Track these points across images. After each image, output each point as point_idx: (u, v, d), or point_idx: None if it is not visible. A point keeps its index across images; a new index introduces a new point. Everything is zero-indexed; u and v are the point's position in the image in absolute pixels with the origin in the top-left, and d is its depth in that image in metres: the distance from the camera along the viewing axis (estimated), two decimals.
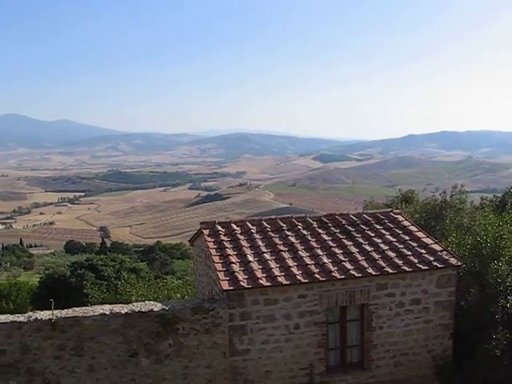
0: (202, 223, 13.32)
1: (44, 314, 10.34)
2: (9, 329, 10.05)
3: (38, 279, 57.19)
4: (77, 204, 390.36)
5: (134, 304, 11.13)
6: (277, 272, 11.43)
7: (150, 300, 15.80)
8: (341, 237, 13.21)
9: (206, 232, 12.87)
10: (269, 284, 11.11)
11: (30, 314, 10.42)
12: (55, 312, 10.33)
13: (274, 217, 14.10)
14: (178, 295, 20.20)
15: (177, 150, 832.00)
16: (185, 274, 55.33)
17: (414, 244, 13.07)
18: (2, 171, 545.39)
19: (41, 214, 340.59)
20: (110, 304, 11.53)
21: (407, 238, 13.38)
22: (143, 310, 10.67)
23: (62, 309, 10.60)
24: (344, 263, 12.01)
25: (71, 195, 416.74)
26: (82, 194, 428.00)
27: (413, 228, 13.97)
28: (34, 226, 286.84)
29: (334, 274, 11.61)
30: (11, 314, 10.73)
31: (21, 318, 10.22)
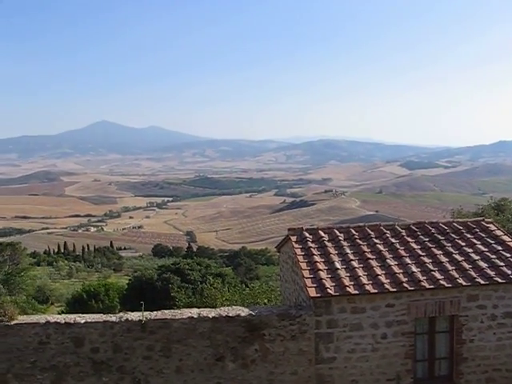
0: (289, 230, 13.31)
1: (134, 316, 10.63)
2: (102, 328, 10.40)
3: (127, 281, 58.82)
4: (164, 209, 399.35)
5: (221, 308, 11.26)
6: (364, 280, 11.27)
7: (235, 305, 15.92)
8: (430, 245, 12.87)
9: (293, 238, 12.85)
10: (356, 292, 10.96)
11: (122, 314, 10.73)
12: (145, 314, 10.60)
13: (361, 224, 13.92)
14: (266, 301, 20.25)
15: (263, 157, 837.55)
16: (269, 280, 55.49)
17: (508, 254, 12.56)
18: (94, 176, 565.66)
19: (130, 217, 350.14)
20: (196, 308, 11.72)
21: (500, 248, 12.87)
22: (230, 314, 10.76)
23: (149, 311, 10.86)
24: (433, 272, 11.70)
25: (159, 200, 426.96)
26: (170, 199, 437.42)
27: (506, 238, 13.43)
28: (123, 229, 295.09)
29: (423, 283, 11.33)
30: (101, 313, 11.10)
31: (113, 318, 10.56)
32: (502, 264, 12.13)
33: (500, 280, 11.60)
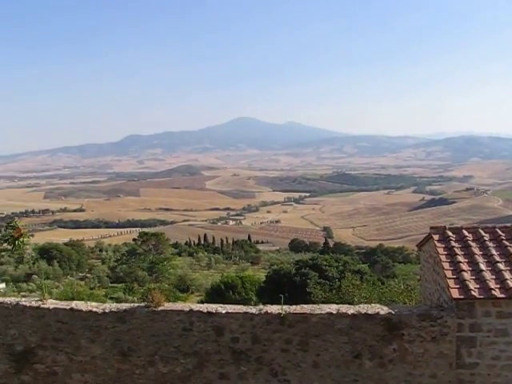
0: (431, 228, 12.93)
1: (274, 308, 10.80)
2: (242, 319, 10.67)
3: (264, 274, 59.80)
4: (302, 204, 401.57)
5: (360, 306, 11.17)
6: None
7: (372, 303, 15.73)
8: None
9: (435, 237, 12.47)
10: (503, 296, 10.44)
11: (262, 307, 10.93)
12: (284, 307, 10.74)
13: (508, 225, 13.24)
14: (406, 300, 19.83)
15: (401, 153, 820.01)
16: (406, 279, 54.25)
17: None
18: (234, 171, 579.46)
19: (268, 212, 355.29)
20: (333, 304, 11.69)
21: None
22: (369, 312, 10.65)
23: (287, 305, 10.96)
24: None
25: (296, 195, 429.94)
26: (307, 194, 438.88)
27: None
28: (261, 223, 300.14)
29: None
30: (237, 304, 11.37)
31: (253, 309, 10.80)
32: None
33: None
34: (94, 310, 11.50)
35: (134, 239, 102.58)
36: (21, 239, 19.27)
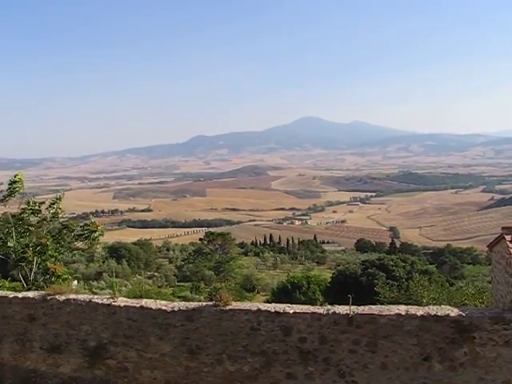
0: (503, 228, 12.58)
1: (341, 309, 10.71)
2: (310, 319, 10.64)
3: (330, 274, 59.49)
4: (368, 204, 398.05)
5: (430, 307, 10.96)
6: None
7: (441, 304, 15.43)
8: None
9: (508, 238, 12.12)
10: None
11: (329, 307, 10.86)
12: (352, 308, 10.65)
13: None
14: (477, 303, 19.35)
15: (469, 152, 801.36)
16: (475, 280, 53.04)
17: None
18: (299, 171, 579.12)
19: (333, 212, 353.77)
20: (402, 304, 11.51)
21: None
22: (439, 314, 10.43)
23: (354, 305, 10.86)
24: None
25: (362, 195, 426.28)
26: (373, 194, 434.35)
27: None
28: (326, 223, 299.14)
29: None
30: (303, 304, 11.34)
31: (320, 310, 10.74)
32: None
33: None
34: (164, 308, 11.71)
35: (200, 239, 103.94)
36: (96, 233, 20.05)
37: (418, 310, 10.60)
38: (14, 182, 20.49)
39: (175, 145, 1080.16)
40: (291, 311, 10.73)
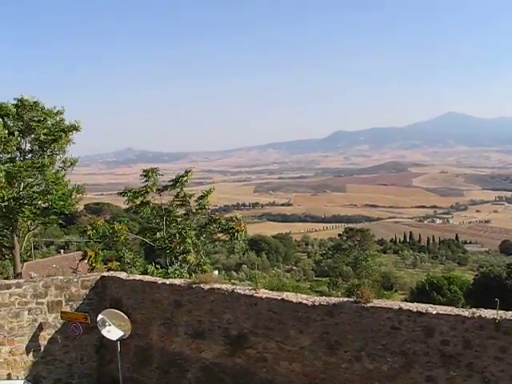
0: None
1: (487, 313, 10.28)
2: (453, 321, 10.29)
3: (472, 276, 57.41)
4: None
5: None
6: None
7: None
8: None
9: None
10: None
11: (474, 310, 10.47)
12: (499, 312, 10.20)
13: None
14: None
15: None
16: None
17: None
18: (442, 167, 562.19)
19: (477, 211, 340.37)
20: None
21: None
22: None
23: (501, 310, 10.35)
24: None
25: (509, 194, 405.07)
26: None
27: None
28: (469, 222, 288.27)
29: None
30: (443, 305, 11.00)
31: (465, 312, 10.35)
32: None
33: None
34: (304, 302, 11.85)
35: (339, 234, 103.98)
36: (240, 232, 20.71)
37: None
38: (182, 176, 21.81)
39: (316, 140, 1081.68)
40: (434, 312, 10.46)
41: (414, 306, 10.73)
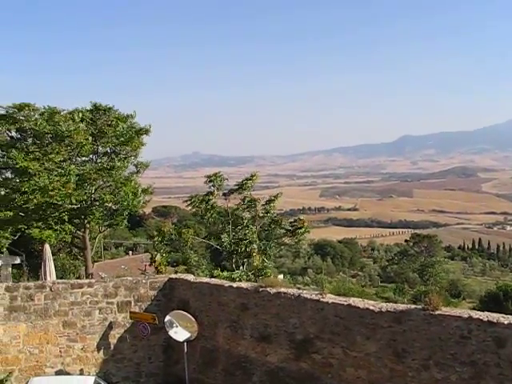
0: None
1: None
2: None
3: None
4: None
5: None
6: None
7: None
8: None
9: None
10: None
11: None
12: None
13: None
14: None
15: None
16: None
17: None
18: None
19: None
20: None
21: None
22: None
23: None
24: None
25: None
26: None
27: None
28: None
29: None
30: None
31: None
32: None
33: None
34: (371, 308, 11.74)
35: (405, 240, 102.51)
36: (302, 229, 20.87)
37: None
38: (247, 179, 22.11)
39: (382, 144, 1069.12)
40: (506, 322, 10.15)
41: (485, 315, 10.43)
